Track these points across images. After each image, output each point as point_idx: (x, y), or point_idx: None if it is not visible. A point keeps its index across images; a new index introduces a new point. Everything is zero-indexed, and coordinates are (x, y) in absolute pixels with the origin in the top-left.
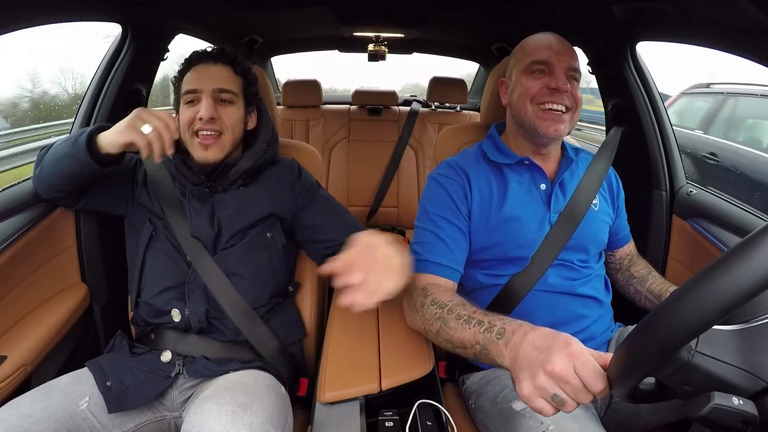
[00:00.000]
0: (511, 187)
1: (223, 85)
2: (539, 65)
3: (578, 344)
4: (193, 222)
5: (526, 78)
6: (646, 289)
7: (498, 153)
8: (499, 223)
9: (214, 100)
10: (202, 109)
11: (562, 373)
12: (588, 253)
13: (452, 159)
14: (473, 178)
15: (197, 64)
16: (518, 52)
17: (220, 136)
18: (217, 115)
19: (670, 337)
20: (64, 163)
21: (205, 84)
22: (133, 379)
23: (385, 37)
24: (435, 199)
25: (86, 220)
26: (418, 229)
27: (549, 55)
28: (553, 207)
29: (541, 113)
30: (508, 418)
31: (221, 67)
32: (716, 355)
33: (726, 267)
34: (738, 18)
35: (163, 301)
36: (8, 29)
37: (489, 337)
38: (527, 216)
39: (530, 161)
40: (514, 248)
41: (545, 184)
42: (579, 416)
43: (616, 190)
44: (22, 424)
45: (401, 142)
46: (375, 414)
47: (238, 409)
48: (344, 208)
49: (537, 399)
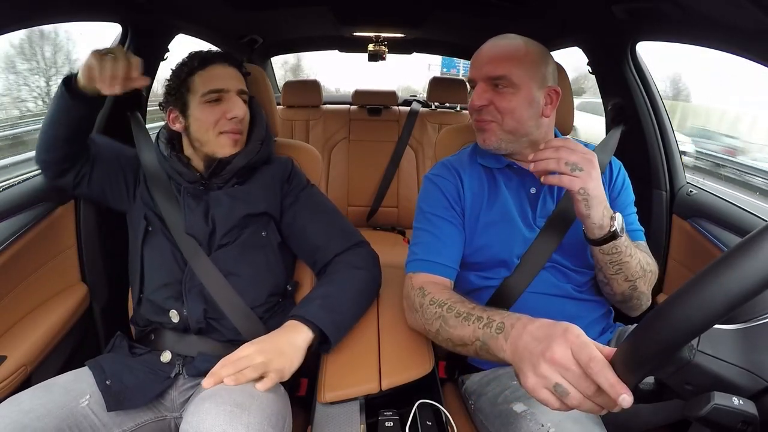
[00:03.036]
0: (501, 191)
1: (242, 86)
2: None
3: (576, 330)
4: (188, 219)
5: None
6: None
7: (488, 156)
8: (487, 225)
9: (237, 99)
10: (236, 108)
11: (561, 359)
12: (584, 255)
13: (447, 159)
14: (466, 179)
15: (212, 64)
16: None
17: (244, 130)
18: (244, 112)
19: (672, 336)
20: (53, 117)
21: (231, 84)
22: (132, 379)
23: (385, 37)
24: (430, 199)
25: (86, 220)
26: (415, 230)
27: (472, 73)
28: (541, 211)
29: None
30: (508, 419)
31: (233, 69)
32: (718, 354)
33: (729, 265)
34: (738, 18)
35: (162, 297)
36: (8, 29)
37: (488, 333)
38: (515, 219)
39: (517, 165)
40: (501, 251)
41: (535, 187)
42: (580, 419)
43: (620, 186)
44: (22, 420)
45: (401, 142)
46: (375, 414)
47: (236, 409)
48: (334, 208)
49: (541, 390)
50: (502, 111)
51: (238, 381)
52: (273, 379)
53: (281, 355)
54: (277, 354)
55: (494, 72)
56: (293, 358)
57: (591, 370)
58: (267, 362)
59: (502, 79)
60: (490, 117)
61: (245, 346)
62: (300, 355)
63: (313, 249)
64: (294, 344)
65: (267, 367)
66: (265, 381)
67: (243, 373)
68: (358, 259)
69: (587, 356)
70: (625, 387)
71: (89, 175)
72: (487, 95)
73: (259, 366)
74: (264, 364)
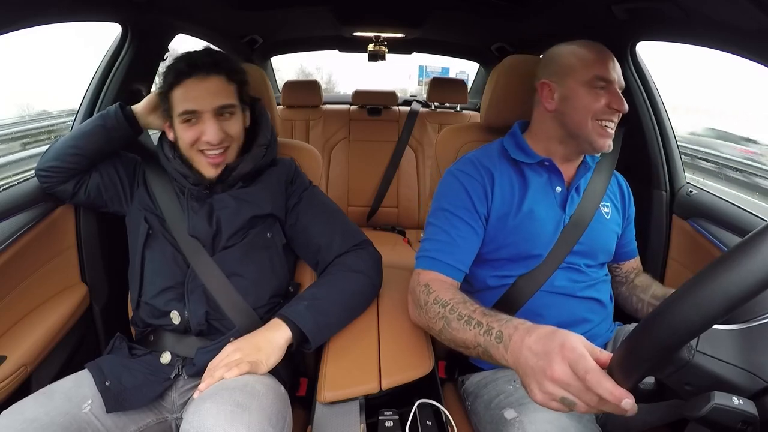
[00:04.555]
0: (531, 187)
1: (223, 100)
2: (601, 81)
3: (571, 342)
4: (191, 221)
5: (587, 91)
6: (649, 296)
7: (519, 151)
8: (519, 221)
9: (216, 118)
10: (208, 133)
11: (561, 377)
12: (595, 258)
13: (474, 155)
14: (497, 177)
15: (188, 78)
16: (574, 60)
17: (227, 150)
18: (223, 135)
19: (670, 336)
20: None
21: (204, 103)
22: (132, 380)
23: (385, 37)
24: (451, 196)
25: (86, 220)
26: (430, 225)
27: (610, 73)
28: (569, 210)
29: (600, 130)
30: (497, 426)
31: (215, 79)
32: (717, 355)
33: (727, 266)
34: (738, 18)
35: (162, 301)
36: (8, 29)
37: (489, 340)
38: (544, 216)
39: (551, 163)
40: (530, 247)
41: (561, 187)
42: (568, 429)
43: (627, 201)
44: (26, 430)
45: (401, 142)
46: (375, 414)
47: (237, 409)
48: (336, 208)
49: (550, 402)
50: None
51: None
52: (242, 368)
53: (258, 350)
54: (254, 349)
55: (623, 81)
56: (270, 354)
57: (589, 383)
58: (243, 357)
59: (622, 88)
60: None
61: (226, 347)
62: (278, 352)
63: (315, 250)
64: (272, 341)
65: (241, 361)
66: (233, 369)
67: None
68: (359, 262)
69: (583, 370)
70: (625, 392)
71: (87, 182)
72: (624, 105)
73: (234, 362)
74: (240, 359)
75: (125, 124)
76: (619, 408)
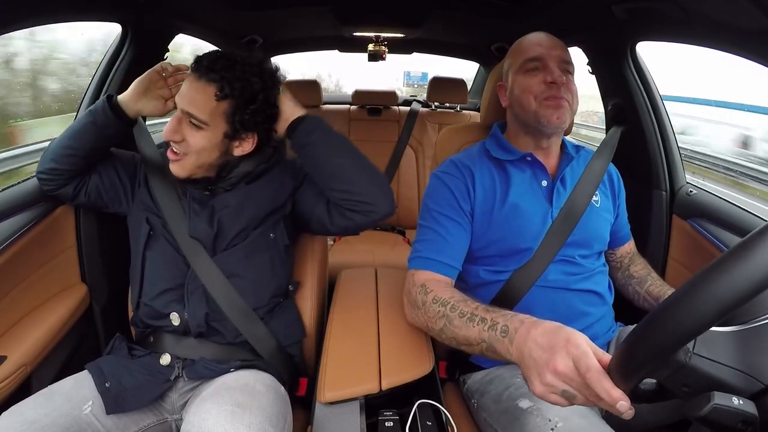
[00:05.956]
0: (514, 183)
1: (193, 110)
2: (533, 62)
3: (577, 339)
4: (192, 222)
5: (523, 77)
6: (645, 291)
7: (501, 150)
8: (503, 216)
9: (181, 120)
10: (166, 129)
11: (564, 370)
12: (590, 249)
13: (456, 157)
14: (477, 174)
15: (193, 72)
16: (511, 54)
17: (183, 156)
18: (180, 137)
19: (666, 340)
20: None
21: (183, 102)
22: (132, 381)
23: (385, 37)
24: (437, 197)
25: (86, 220)
26: (420, 226)
27: (541, 51)
28: (555, 203)
29: (545, 106)
30: (514, 416)
31: (204, 86)
32: (713, 357)
33: (721, 270)
34: (738, 18)
35: (162, 303)
36: (8, 29)
37: (494, 335)
38: (530, 209)
39: (533, 157)
40: (519, 241)
41: (546, 180)
42: (586, 413)
43: (617, 188)
44: (27, 431)
45: (401, 142)
46: (375, 414)
47: (237, 409)
48: None
49: (550, 395)
50: (573, 93)
51: None
52: None
53: None
54: None
55: (566, 57)
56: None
57: (588, 380)
58: None
59: (569, 64)
60: (565, 95)
61: None
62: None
63: (318, 193)
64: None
65: None
66: None
67: None
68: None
69: (585, 366)
70: (621, 394)
71: (87, 185)
72: (562, 76)
73: None
74: None
75: (114, 119)
76: (615, 409)
